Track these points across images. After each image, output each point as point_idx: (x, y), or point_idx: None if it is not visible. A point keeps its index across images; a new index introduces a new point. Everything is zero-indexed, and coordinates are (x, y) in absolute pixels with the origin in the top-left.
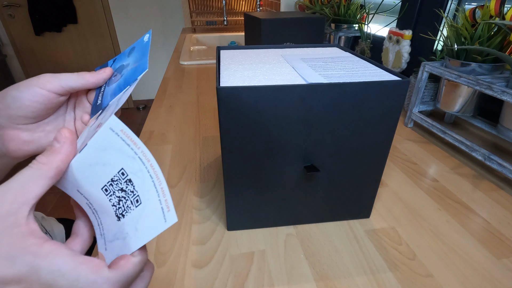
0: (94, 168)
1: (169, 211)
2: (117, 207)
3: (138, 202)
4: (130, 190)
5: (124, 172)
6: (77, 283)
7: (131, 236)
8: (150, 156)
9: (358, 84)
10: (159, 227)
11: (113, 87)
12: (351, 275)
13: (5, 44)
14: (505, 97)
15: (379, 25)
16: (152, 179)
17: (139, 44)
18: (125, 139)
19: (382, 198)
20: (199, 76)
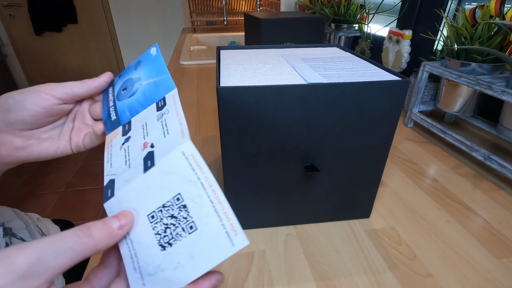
0: (149, 192)
1: (237, 235)
2: (161, 235)
3: (193, 228)
4: (183, 217)
5: (180, 197)
6: None
7: (185, 265)
8: (213, 181)
9: (358, 84)
10: (225, 252)
11: (129, 102)
12: (351, 275)
13: (5, 44)
14: (505, 97)
15: (379, 25)
16: (213, 204)
17: (146, 57)
18: (192, 164)
19: (382, 198)
20: (199, 76)
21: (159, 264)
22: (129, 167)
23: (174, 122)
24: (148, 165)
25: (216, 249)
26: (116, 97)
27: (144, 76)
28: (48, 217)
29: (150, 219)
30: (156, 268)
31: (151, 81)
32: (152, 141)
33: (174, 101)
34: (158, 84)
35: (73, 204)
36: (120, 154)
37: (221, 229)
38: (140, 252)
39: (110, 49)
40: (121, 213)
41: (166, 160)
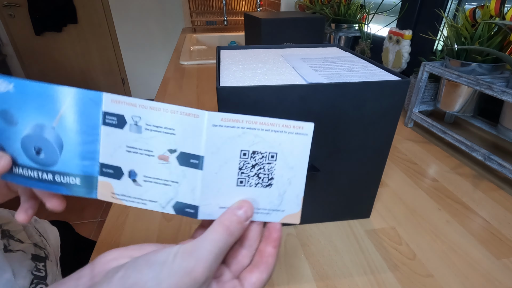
0: (220, 174)
1: (302, 128)
2: (261, 182)
3: (274, 156)
4: (260, 157)
5: (244, 152)
6: None
7: (294, 174)
8: (252, 118)
9: (358, 84)
10: (306, 143)
11: (69, 155)
12: (351, 275)
13: (5, 44)
14: (505, 97)
15: (379, 25)
16: (269, 130)
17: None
18: (228, 125)
19: (382, 198)
20: (199, 76)
21: (279, 193)
22: (175, 183)
23: (155, 115)
24: (196, 162)
25: (300, 147)
26: (43, 164)
27: (42, 116)
28: (47, 218)
29: (241, 185)
30: (279, 196)
31: (59, 115)
32: (163, 150)
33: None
34: (76, 109)
35: (73, 204)
36: (143, 190)
37: (291, 136)
38: (259, 205)
39: (110, 49)
40: (242, 202)
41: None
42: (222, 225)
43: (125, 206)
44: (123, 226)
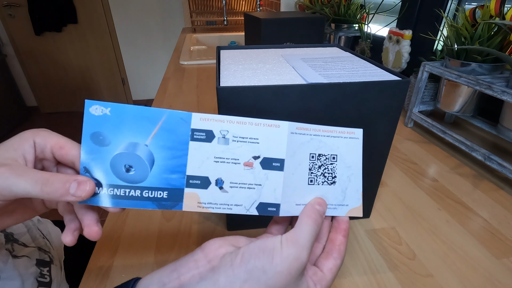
0: (295, 174)
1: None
2: (327, 180)
3: (335, 158)
4: (324, 159)
5: (313, 155)
6: None
7: (352, 172)
8: (317, 126)
9: (358, 84)
10: (359, 145)
11: (160, 171)
12: (351, 275)
13: (5, 44)
14: (505, 97)
15: (379, 25)
16: (329, 135)
17: (97, 123)
18: (300, 132)
19: (382, 198)
20: (199, 76)
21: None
22: (259, 185)
23: (241, 128)
24: (278, 165)
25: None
26: (132, 182)
27: (136, 136)
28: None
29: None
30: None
31: (156, 131)
32: (248, 157)
33: (212, 119)
34: (168, 127)
35: None
36: (230, 195)
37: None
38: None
39: (110, 49)
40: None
41: (287, 150)
42: (310, 218)
43: None
44: (123, 226)
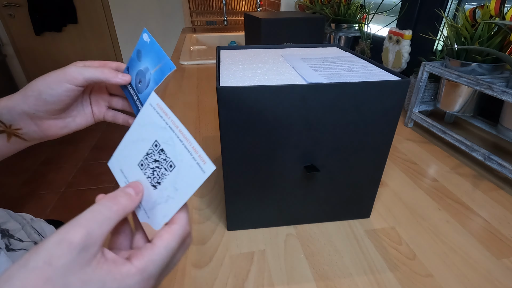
0: (135, 145)
1: (205, 163)
2: (151, 178)
3: (172, 166)
4: (163, 159)
5: (157, 143)
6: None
7: (173, 197)
8: (178, 123)
9: (358, 84)
10: (199, 179)
11: (147, 92)
12: (351, 275)
13: (5, 44)
14: (505, 97)
15: (379, 25)
16: (182, 142)
17: (143, 46)
18: (159, 112)
19: (382, 198)
20: (199, 76)
21: (155, 200)
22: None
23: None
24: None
25: (192, 178)
26: (136, 90)
27: (150, 65)
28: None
29: (140, 167)
30: (153, 203)
31: (157, 68)
32: None
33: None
34: (163, 69)
35: (73, 204)
36: None
37: (192, 161)
38: None
39: (110, 49)
40: (133, 183)
41: (139, 114)
42: (112, 198)
43: None
44: None
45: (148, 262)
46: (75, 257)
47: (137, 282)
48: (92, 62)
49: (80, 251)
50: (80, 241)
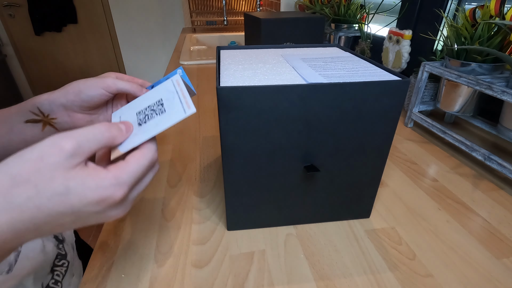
0: (142, 102)
1: (190, 108)
2: (142, 119)
3: (163, 112)
4: (159, 108)
5: (160, 100)
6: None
7: (150, 130)
8: (185, 91)
9: (358, 84)
10: (178, 117)
11: None
12: (351, 275)
13: (5, 44)
14: (505, 97)
15: (379, 25)
16: (180, 99)
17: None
18: (175, 84)
19: (382, 198)
20: (199, 76)
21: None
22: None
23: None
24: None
25: (173, 116)
26: None
27: None
28: None
29: (137, 114)
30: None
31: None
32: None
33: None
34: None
35: None
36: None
37: (180, 106)
38: None
39: (110, 49)
40: (126, 122)
41: (158, 86)
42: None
43: None
44: (123, 227)
45: (122, 171)
46: (63, 160)
47: (112, 185)
48: (122, 75)
49: (68, 157)
50: (70, 149)
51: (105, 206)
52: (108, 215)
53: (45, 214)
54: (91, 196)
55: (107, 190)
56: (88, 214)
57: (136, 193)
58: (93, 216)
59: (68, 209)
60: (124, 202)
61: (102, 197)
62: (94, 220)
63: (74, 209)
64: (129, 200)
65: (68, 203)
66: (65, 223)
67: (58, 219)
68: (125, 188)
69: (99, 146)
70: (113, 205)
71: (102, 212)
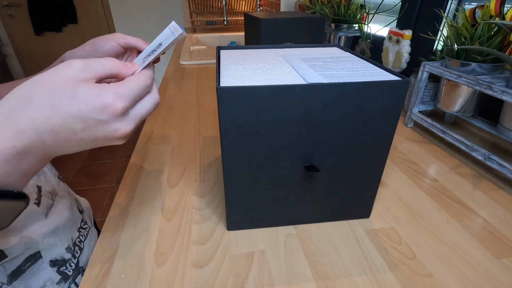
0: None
1: (176, 31)
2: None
3: (160, 46)
4: (158, 48)
5: (161, 43)
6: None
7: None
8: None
9: (358, 84)
10: (169, 39)
11: None
12: (351, 275)
13: (5, 44)
14: (505, 97)
15: (379, 25)
16: (174, 35)
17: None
18: (172, 29)
19: (382, 198)
20: (199, 76)
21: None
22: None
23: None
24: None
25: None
26: None
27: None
28: None
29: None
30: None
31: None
32: None
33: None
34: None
35: None
36: None
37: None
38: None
39: None
40: (133, 62)
41: (161, 34)
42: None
43: (124, 206)
44: (123, 227)
45: (121, 85)
46: (73, 72)
47: (112, 94)
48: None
49: (78, 70)
50: (79, 66)
51: (109, 115)
52: (113, 127)
53: (58, 115)
54: (94, 101)
55: (108, 97)
56: (95, 122)
57: (138, 113)
58: (100, 127)
59: (76, 112)
60: (126, 116)
61: (104, 103)
62: (102, 132)
63: (82, 113)
64: (130, 116)
65: (76, 105)
66: (77, 131)
67: (70, 123)
68: (125, 100)
69: (105, 71)
70: (116, 115)
71: (107, 122)
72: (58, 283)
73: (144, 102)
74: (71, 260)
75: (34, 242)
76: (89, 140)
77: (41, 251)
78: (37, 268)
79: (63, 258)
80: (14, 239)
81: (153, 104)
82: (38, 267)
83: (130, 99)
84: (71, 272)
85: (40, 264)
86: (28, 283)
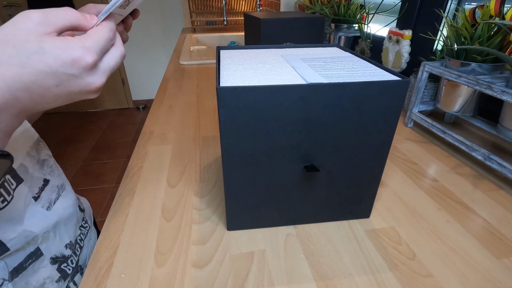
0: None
1: None
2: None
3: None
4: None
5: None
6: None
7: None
8: None
9: (358, 84)
10: None
11: None
12: (351, 275)
13: None
14: (505, 97)
15: (379, 25)
16: None
17: None
18: None
19: (382, 198)
20: (199, 76)
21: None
22: None
23: None
24: None
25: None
26: None
27: None
28: None
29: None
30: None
31: None
32: None
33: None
34: None
35: None
36: None
37: None
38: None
39: None
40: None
41: None
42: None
43: (125, 206)
44: (123, 227)
45: (86, 38)
46: (34, 26)
47: (80, 47)
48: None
49: (37, 23)
50: (38, 18)
51: (80, 68)
52: (86, 81)
53: (28, 72)
54: (63, 56)
55: (77, 51)
56: (68, 77)
57: (107, 66)
58: (73, 81)
59: (47, 68)
60: (97, 69)
61: (73, 57)
62: (75, 86)
63: (53, 68)
64: (101, 69)
65: (45, 61)
66: (51, 87)
67: (42, 79)
68: (93, 53)
69: (64, 23)
70: (86, 68)
71: (79, 76)
72: (58, 281)
73: (110, 54)
74: (72, 257)
75: (34, 235)
76: (64, 96)
77: (40, 246)
78: (37, 265)
79: (64, 255)
80: (13, 233)
81: (119, 56)
82: (39, 264)
83: (97, 51)
84: (70, 270)
85: (41, 261)
86: (29, 281)
